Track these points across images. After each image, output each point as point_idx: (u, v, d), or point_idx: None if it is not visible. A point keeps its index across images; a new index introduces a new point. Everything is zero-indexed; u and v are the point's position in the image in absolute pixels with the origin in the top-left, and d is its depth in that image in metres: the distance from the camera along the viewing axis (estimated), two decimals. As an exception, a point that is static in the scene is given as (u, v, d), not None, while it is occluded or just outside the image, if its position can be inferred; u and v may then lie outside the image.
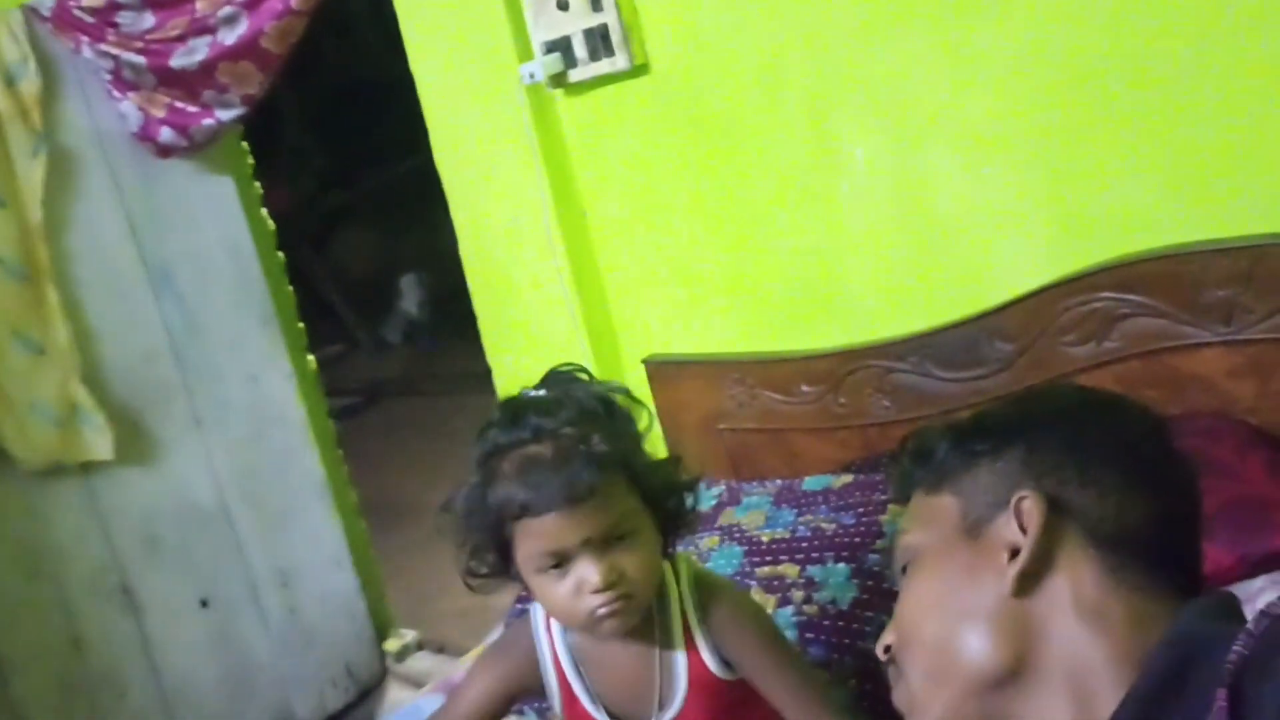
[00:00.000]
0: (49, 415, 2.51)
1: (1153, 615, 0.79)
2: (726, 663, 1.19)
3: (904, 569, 0.94)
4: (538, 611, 1.26)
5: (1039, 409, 0.94)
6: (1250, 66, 1.50)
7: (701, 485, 1.27)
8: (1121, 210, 1.63)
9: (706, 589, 1.22)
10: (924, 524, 0.92)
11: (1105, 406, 0.93)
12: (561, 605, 1.14)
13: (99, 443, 2.56)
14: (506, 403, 1.20)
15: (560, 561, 1.12)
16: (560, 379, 1.22)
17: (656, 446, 1.78)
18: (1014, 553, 0.83)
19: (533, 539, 1.12)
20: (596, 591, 1.11)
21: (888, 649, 0.93)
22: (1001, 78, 1.68)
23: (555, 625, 1.24)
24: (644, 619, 1.18)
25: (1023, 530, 0.83)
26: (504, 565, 1.18)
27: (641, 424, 1.21)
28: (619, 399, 1.21)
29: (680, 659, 1.19)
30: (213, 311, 2.79)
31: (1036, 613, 0.82)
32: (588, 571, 1.11)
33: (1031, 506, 0.83)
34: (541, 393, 1.19)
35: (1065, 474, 0.85)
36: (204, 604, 2.81)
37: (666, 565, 1.22)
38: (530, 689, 1.27)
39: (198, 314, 2.77)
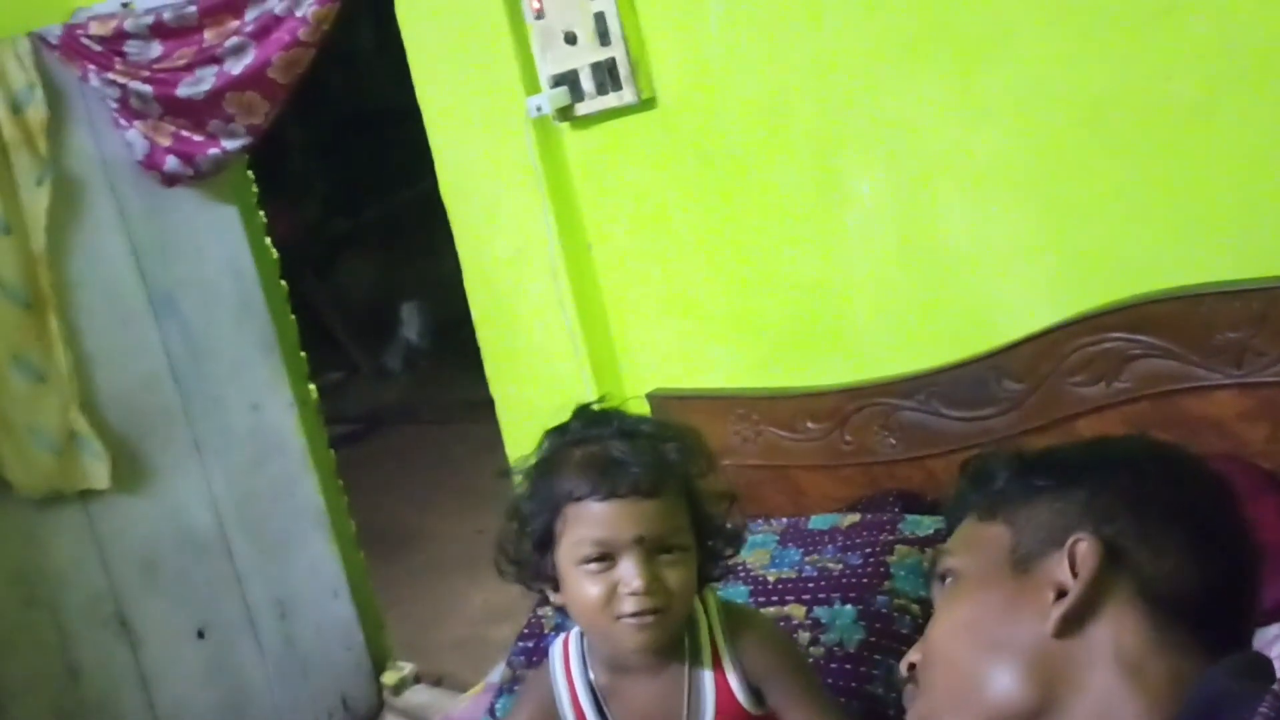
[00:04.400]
0: (48, 443, 2.51)
1: (1192, 678, 0.77)
2: (754, 694, 1.19)
3: (942, 583, 0.93)
4: (555, 654, 1.25)
5: (1110, 455, 0.92)
6: (1259, 107, 1.49)
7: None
8: (1129, 250, 1.62)
9: (736, 616, 1.23)
10: (971, 549, 0.90)
11: (1176, 464, 0.90)
12: (592, 605, 1.13)
13: (96, 471, 2.55)
14: (585, 407, 1.24)
15: (605, 555, 1.11)
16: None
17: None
18: (1060, 593, 0.82)
19: (585, 525, 1.12)
20: (634, 594, 1.10)
21: (912, 666, 0.92)
22: (1008, 115, 1.67)
23: (575, 665, 1.23)
24: (673, 648, 1.18)
25: (1074, 573, 0.82)
26: (537, 557, 1.18)
27: (706, 466, 1.22)
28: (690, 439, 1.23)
29: (709, 689, 1.18)
30: (215, 339, 2.78)
31: (1073, 657, 0.81)
32: (630, 572, 1.11)
33: (1087, 551, 0.82)
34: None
35: (1125, 525, 0.83)
36: (200, 634, 2.79)
37: (694, 597, 1.22)
38: None
39: (200, 341, 2.76)
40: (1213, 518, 0.86)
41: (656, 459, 1.14)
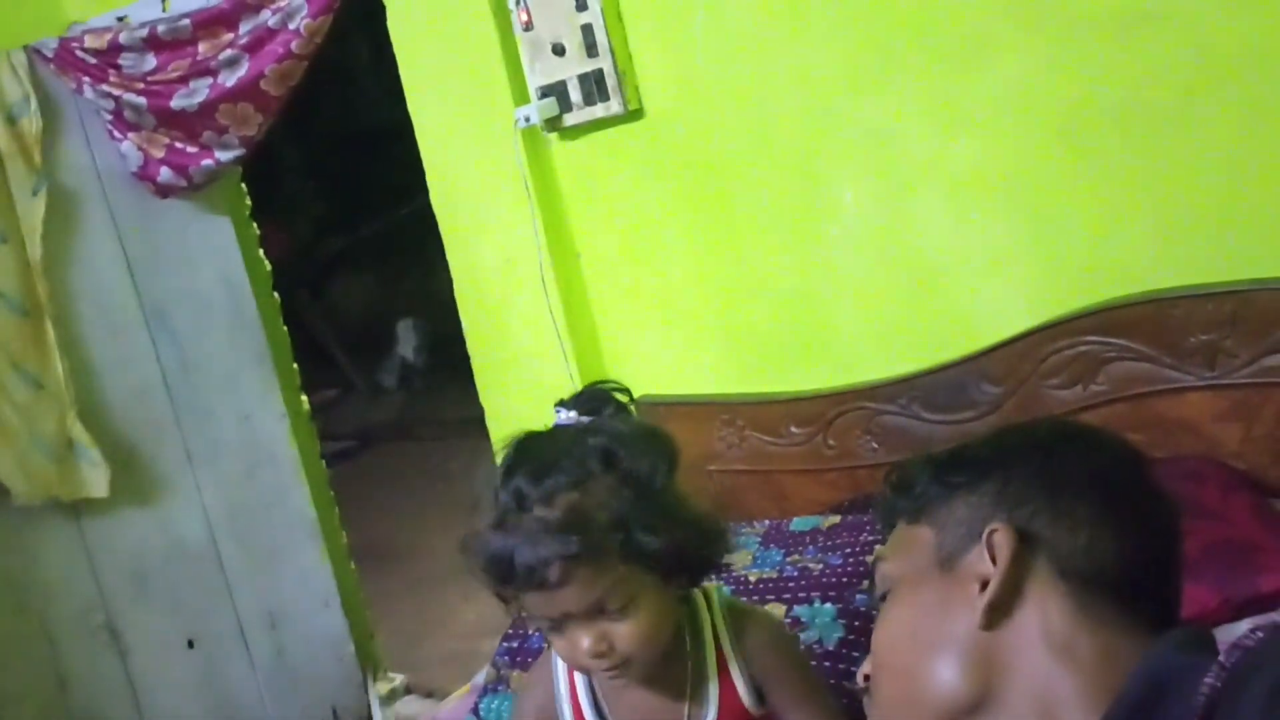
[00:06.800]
0: (47, 450, 2.52)
1: (1124, 651, 0.78)
2: (757, 695, 1.18)
3: (883, 596, 0.94)
4: None
5: (1015, 442, 0.93)
6: (1233, 115, 1.52)
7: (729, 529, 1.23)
8: (1106, 255, 1.65)
9: (741, 615, 1.22)
10: (902, 553, 0.92)
11: (1080, 439, 0.92)
12: (564, 658, 1.15)
13: (95, 480, 2.56)
14: (515, 449, 1.15)
15: (554, 624, 1.11)
16: (596, 397, 1.20)
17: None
18: (985, 585, 0.83)
19: (526, 601, 1.10)
20: (589, 656, 1.10)
21: (867, 677, 0.93)
22: (987, 124, 1.70)
23: None
24: (674, 648, 1.17)
25: (994, 562, 0.83)
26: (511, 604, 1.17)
27: (671, 458, 1.15)
28: (648, 433, 1.17)
29: (712, 688, 1.17)
30: (207, 350, 2.80)
31: (1005, 645, 0.82)
32: (577, 638, 1.10)
33: (1001, 539, 0.83)
34: (550, 436, 1.16)
35: (1037, 507, 0.84)
36: (190, 644, 2.79)
37: (698, 593, 1.21)
38: None
39: (192, 352, 2.78)
40: (1120, 486, 0.86)
41: (563, 538, 1.05)
